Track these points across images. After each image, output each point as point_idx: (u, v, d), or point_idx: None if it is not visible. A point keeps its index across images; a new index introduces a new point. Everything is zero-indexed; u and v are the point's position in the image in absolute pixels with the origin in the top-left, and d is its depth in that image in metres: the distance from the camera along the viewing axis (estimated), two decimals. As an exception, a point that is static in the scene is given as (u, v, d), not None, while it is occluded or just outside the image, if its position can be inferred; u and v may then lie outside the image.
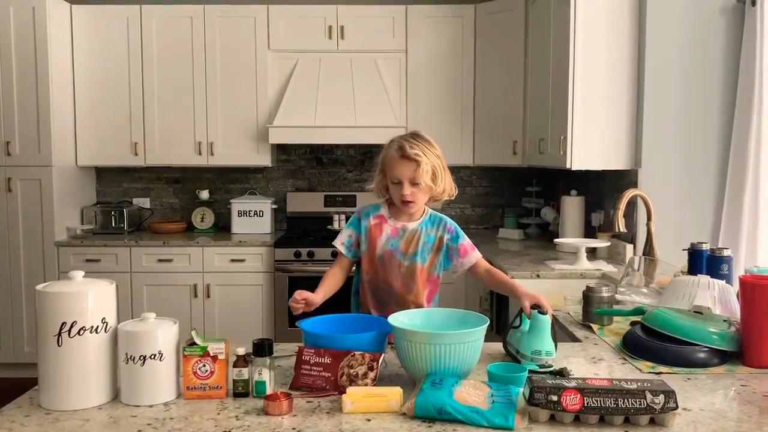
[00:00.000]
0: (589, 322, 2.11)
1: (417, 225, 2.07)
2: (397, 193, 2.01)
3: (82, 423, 1.36)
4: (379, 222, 2.08)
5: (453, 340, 1.51)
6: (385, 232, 2.06)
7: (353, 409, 1.40)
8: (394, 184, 2.00)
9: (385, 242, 2.05)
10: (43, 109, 4.11)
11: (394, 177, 1.99)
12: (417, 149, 1.96)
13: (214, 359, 1.48)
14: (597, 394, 1.32)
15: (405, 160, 1.96)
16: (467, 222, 4.85)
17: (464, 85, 4.45)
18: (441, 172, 2.02)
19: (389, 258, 2.04)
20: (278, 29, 4.39)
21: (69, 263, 4.15)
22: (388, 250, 2.04)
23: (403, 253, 2.05)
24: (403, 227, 2.07)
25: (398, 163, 1.97)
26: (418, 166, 1.95)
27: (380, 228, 2.07)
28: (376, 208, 2.11)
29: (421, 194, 2.00)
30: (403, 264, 2.04)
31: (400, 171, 1.97)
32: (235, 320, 4.19)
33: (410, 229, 2.07)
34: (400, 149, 1.97)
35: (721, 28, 3.21)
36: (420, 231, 2.07)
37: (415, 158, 1.95)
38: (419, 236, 2.06)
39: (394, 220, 2.08)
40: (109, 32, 4.35)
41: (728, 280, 2.15)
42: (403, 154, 1.96)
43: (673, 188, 3.26)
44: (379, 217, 2.09)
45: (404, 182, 1.97)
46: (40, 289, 1.43)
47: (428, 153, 1.98)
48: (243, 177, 4.80)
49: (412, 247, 2.05)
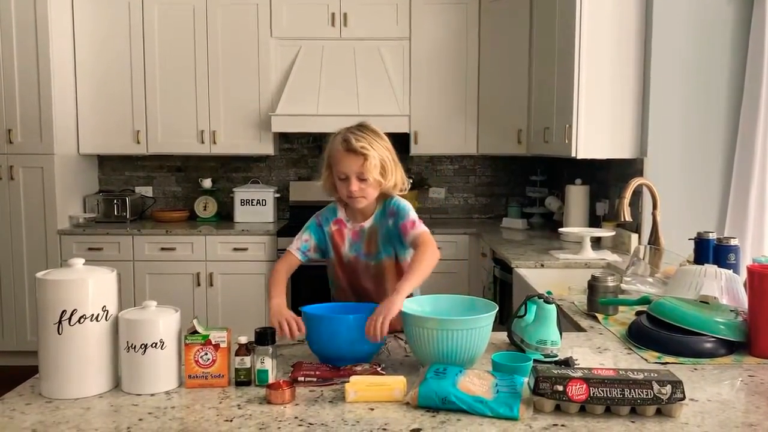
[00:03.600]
0: (594, 312, 2.09)
1: (372, 222, 1.95)
2: (344, 189, 1.88)
3: (83, 411, 1.35)
4: (338, 227, 1.98)
5: (464, 325, 1.50)
6: (346, 237, 1.97)
7: (356, 398, 1.39)
8: (341, 180, 1.87)
9: (349, 248, 1.96)
10: (45, 97, 4.09)
11: (341, 172, 1.86)
12: (363, 141, 1.83)
13: (216, 348, 1.46)
14: (603, 384, 1.30)
15: (351, 153, 1.83)
16: (471, 211, 4.83)
17: (468, 73, 4.42)
18: (391, 165, 1.88)
19: (356, 263, 1.96)
20: (281, 17, 4.35)
21: (71, 252, 4.15)
22: (353, 256, 1.96)
23: (367, 255, 1.95)
24: (361, 228, 1.96)
25: (344, 157, 1.84)
26: (365, 160, 1.82)
27: (341, 234, 1.97)
28: (333, 212, 2.00)
29: (370, 189, 1.87)
30: (371, 265, 1.96)
31: (347, 165, 1.84)
32: (238, 309, 4.18)
33: (367, 228, 1.95)
34: (345, 142, 1.84)
35: (728, 16, 3.17)
36: (376, 227, 1.95)
37: (362, 151, 1.82)
38: (377, 232, 1.95)
39: (352, 223, 1.97)
40: (110, 20, 4.32)
41: (735, 270, 2.13)
42: (348, 148, 1.83)
43: (678, 177, 3.23)
44: (338, 222, 1.98)
45: (351, 177, 1.84)
46: (40, 276, 1.42)
47: (376, 145, 1.85)
48: (245, 166, 4.79)
49: (374, 246, 1.95)
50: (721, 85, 3.21)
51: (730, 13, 3.17)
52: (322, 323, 1.62)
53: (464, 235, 4.25)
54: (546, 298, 1.69)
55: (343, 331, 1.59)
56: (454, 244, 4.23)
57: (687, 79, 3.20)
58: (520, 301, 1.80)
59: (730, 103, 3.20)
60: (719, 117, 3.22)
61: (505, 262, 3.23)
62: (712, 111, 3.22)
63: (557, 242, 3.63)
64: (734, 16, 3.17)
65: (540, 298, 1.69)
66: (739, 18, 3.16)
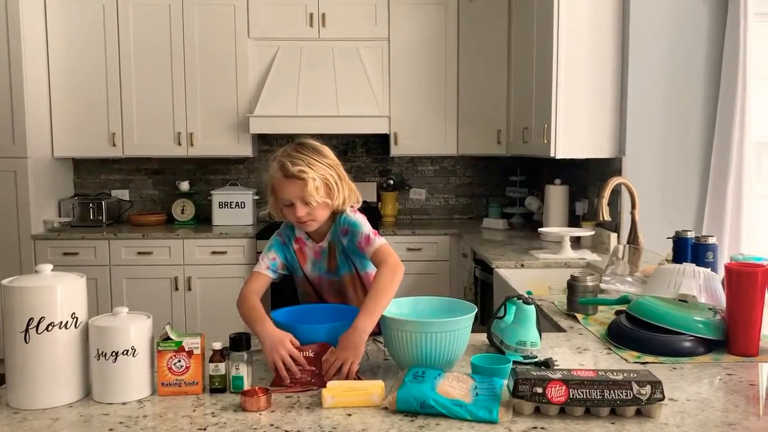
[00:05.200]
0: (574, 312, 2.08)
1: (330, 239, 1.87)
2: (292, 216, 1.79)
3: (51, 422, 1.31)
4: (300, 247, 1.90)
5: (442, 328, 1.48)
6: (308, 258, 1.90)
7: (334, 403, 1.36)
8: (286, 206, 1.78)
9: (312, 267, 1.90)
10: (17, 99, 4.00)
11: (284, 199, 1.77)
12: (301, 164, 1.72)
13: (190, 354, 1.43)
14: (582, 385, 1.29)
15: (290, 179, 1.73)
16: (451, 212, 4.83)
17: (447, 74, 4.41)
18: (336, 183, 1.78)
19: (319, 282, 1.92)
20: (258, 17, 4.31)
21: (46, 257, 4.07)
22: (316, 275, 1.91)
23: (328, 271, 1.90)
24: (321, 248, 1.88)
25: (283, 184, 1.74)
26: (305, 185, 1.72)
27: (303, 253, 1.90)
28: (292, 230, 1.91)
29: (318, 211, 1.77)
30: (333, 281, 1.91)
31: (288, 192, 1.74)
32: (217, 313, 4.13)
33: (326, 247, 1.88)
34: (282, 168, 1.73)
35: (704, 15, 3.20)
36: (334, 244, 1.87)
37: (301, 176, 1.71)
38: (335, 251, 1.87)
39: (312, 242, 1.89)
40: (84, 20, 4.25)
41: (713, 268, 2.14)
42: (285, 174, 1.73)
43: (656, 176, 3.25)
44: (299, 241, 1.90)
45: (296, 203, 1.74)
46: (6, 283, 1.37)
47: (316, 165, 1.74)
48: (224, 168, 4.74)
49: (334, 262, 1.89)
50: (697, 85, 3.23)
51: (706, 12, 3.19)
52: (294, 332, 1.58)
53: (445, 236, 4.24)
54: (525, 298, 1.68)
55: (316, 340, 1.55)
56: (434, 244, 4.22)
57: (664, 78, 3.22)
58: (500, 301, 1.79)
59: (707, 102, 3.23)
60: (696, 116, 3.24)
61: (486, 262, 3.22)
62: (689, 110, 3.24)
63: (537, 242, 3.63)
64: (710, 15, 3.19)
65: (519, 299, 1.68)
66: (714, 18, 3.18)
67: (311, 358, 1.50)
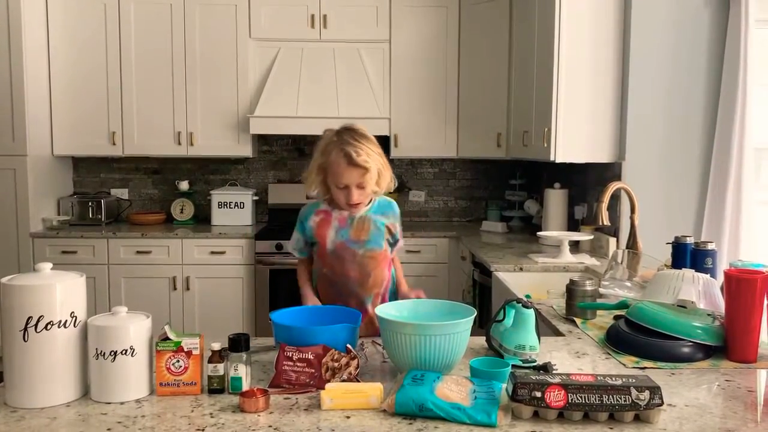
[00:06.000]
0: (573, 316, 2.08)
1: (365, 212, 2.06)
2: (342, 198, 1.98)
3: (49, 421, 1.31)
4: (323, 217, 2.06)
5: (441, 331, 1.48)
6: (332, 225, 2.04)
7: (332, 405, 1.36)
8: (339, 188, 1.97)
9: (335, 235, 2.03)
10: (18, 97, 4.00)
11: (341, 183, 1.96)
12: (364, 155, 1.93)
13: (188, 354, 1.43)
14: (581, 390, 1.29)
15: (353, 167, 1.93)
16: (450, 215, 4.83)
17: (448, 77, 4.41)
18: (385, 172, 2.01)
19: (342, 249, 2.03)
20: (259, 18, 4.31)
21: (45, 255, 4.06)
22: (339, 242, 2.03)
23: (355, 242, 2.03)
24: (350, 215, 2.05)
25: (346, 170, 1.94)
26: (366, 172, 1.94)
27: (327, 222, 2.05)
28: (316, 205, 2.09)
29: (367, 194, 2.01)
30: (358, 253, 2.03)
31: (348, 178, 1.95)
32: (215, 313, 4.13)
33: (358, 217, 2.05)
34: (348, 156, 1.93)
35: (705, 20, 3.20)
36: (369, 218, 2.05)
37: (365, 165, 1.93)
38: (369, 223, 2.05)
39: (338, 212, 2.05)
40: (85, 19, 4.25)
41: (712, 274, 2.14)
42: (350, 162, 1.93)
43: (656, 181, 3.25)
44: (322, 212, 2.07)
45: (351, 187, 1.96)
46: (5, 282, 1.37)
47: (373, 155, 1.96)
48: (223, 168, 4.73)
49: (364, 235, 2.04)
50: (698, 90, 3.23)
51: (707, 18, 3.20)
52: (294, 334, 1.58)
53: (444, 239, 4.24)
54: (525, 302, 1.68)
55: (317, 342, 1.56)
56: (434, 247, 4.22)
57: (665, 84, 3.23)
58: (499, 304, 1.79)
59: (707, 107, 3.23)
60: (697, 122, 3.25)
61: (485, 265, 3.22)
62: (689, 116, 3.24)
63: (536, 246, 3.63)
64: (711, 21, 3.20)
65: (518, 303, 1.68)
66: (715, 22, 3.19)
67: (310, 360, 1.50)
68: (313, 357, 1.50)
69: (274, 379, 1.50)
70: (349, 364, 1.50)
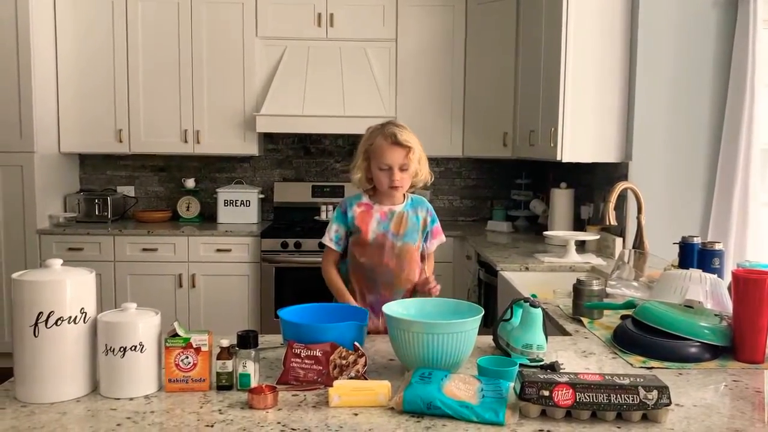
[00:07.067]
0: (580, 316, 2.08)
1: (402, 208, 2.15)
2: (385, 179, 2.07)
3: (59, 416, 1.31)
4: (365, 209, 2.14)
5: (449, 329, 1.48)
6: (374, 217, 2.13)
7: (340, 402, 1.36)
8: (382, 170, 2.07)
9: (377, 226, 2.12)
10: (25, 94, 4.01)
11: (384, 164, 2.06)
12: (406, 135, 2.06)
13: (197, 351, 1.43)
14: (589, 389, 1.29)
15: (396, 146, 2.04)
16: (455, 214, 4.83)
17: (454, 76, 4.41)
18: (424, 161, 2.14)
19: (382, 240, 2.11)
20: (266, 16, 4.32)
21: (51, 252, 4.08)
22: (380, 233, 2.11)
23: (394, 235, 2.12)
24: (390, 210, 2.14)
25: (389, 150, 2.05)
26: (409, 151, 2.05)
27: (368, 214, 2.13)
28: (358, 197, 2.17)
29: (407, 179, 2.10)
30: (396, 245, 2.12)
31: (391, 157, 2.05)
32: (221, 311, 4.14)
33: (397, 212, 2.14)
34: (393, 136, 2.05)
35: (713, 20, 3.19)
36: (406, 213, 2.15)
37: (407, 144, 2.05)
38: (406, 218, 2.14)
39: (379, 206, 2.14)
40: (93, 17, 4.26)
41: (720, 274, 2.14)
42: (394, 141, 2.04)
43: (663, 181, 3.24)
44: (363, 204, 2.15)
45: (394, 168, 2.05)
46: (16, 277, 1.38)
47: (414, 140, 2.09)
48: (229, 166, 4.74)
49: (402, 228, 2.13)
50: (705, 91, 3.23)
51: (715, 17, 3.19)
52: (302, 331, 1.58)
53: (449, 238, 4.20)
54: (532, 301, 1.68)
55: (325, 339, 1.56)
56: (439, 246, 4.21)
57: (672, 83, 3.22)
58: (504, 304, 1.79)
59: (714, 108, 3.22)
60: (703, 122, 3.24)
61: (490, 264, 3.22)
62: (696, 116, 3.24)
63: (542, 245, 3.63)
64: (718, 22, 3.19)
65: (526, 302, 1.68)
66: (723, 24, 3.18)
67: (318, 358, 1.50)
68: (321, 354, 1.50)
69: (282, 376, 1.50)
70: (357, 362, 1.50)
